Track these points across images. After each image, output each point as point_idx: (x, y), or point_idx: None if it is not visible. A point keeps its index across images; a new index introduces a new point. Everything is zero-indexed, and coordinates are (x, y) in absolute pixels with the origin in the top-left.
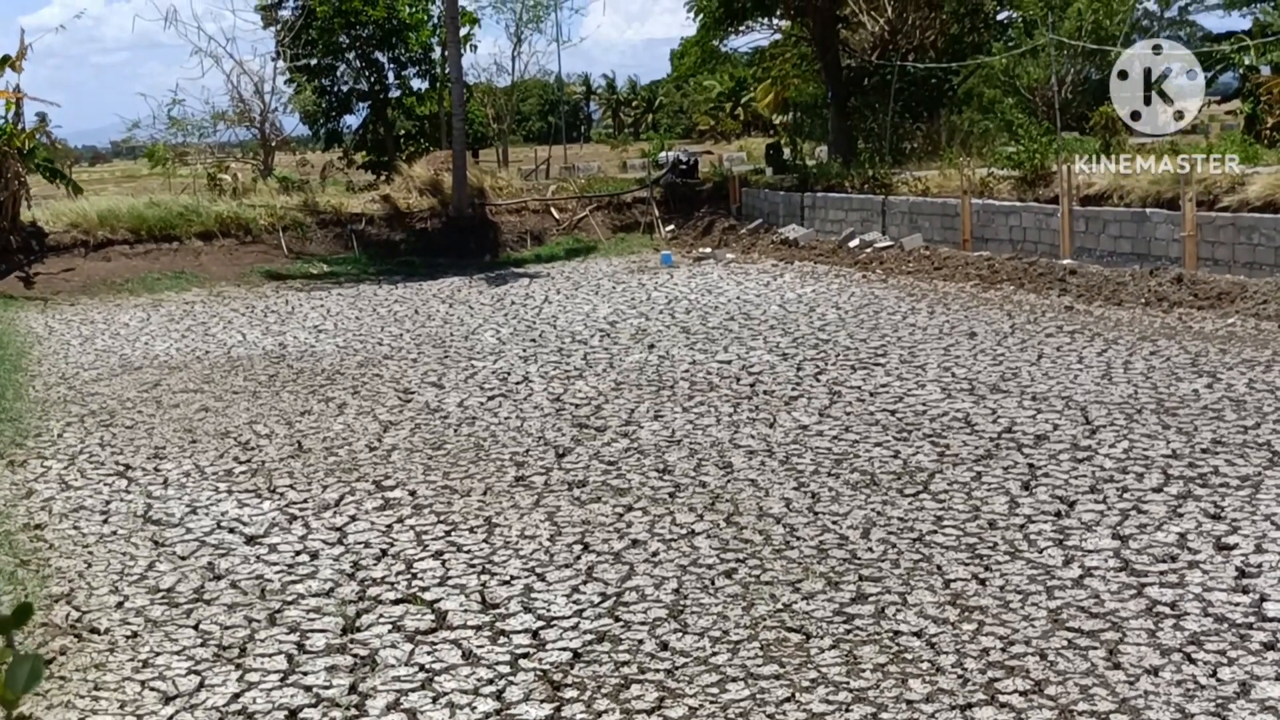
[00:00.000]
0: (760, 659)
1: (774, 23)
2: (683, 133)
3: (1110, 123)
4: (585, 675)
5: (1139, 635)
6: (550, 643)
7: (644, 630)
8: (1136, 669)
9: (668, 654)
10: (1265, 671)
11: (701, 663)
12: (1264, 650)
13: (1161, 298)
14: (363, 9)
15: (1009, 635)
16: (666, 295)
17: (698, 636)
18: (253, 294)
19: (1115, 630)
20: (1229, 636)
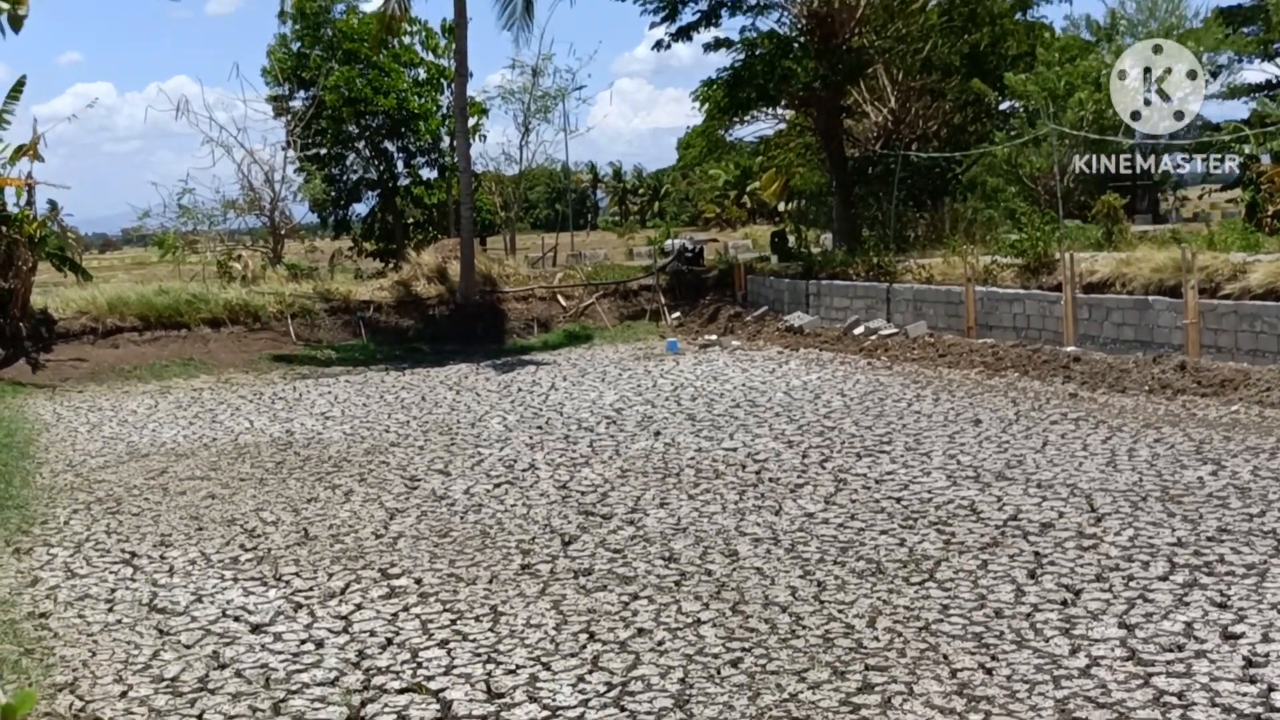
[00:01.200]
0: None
1: (778, 113)
2: (688, 220)
3: (1112, 211)
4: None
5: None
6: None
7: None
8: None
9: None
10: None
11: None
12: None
13: (1165, 385)
14: (373, 98)
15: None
16: (672, 382)
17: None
18: (261, 381)
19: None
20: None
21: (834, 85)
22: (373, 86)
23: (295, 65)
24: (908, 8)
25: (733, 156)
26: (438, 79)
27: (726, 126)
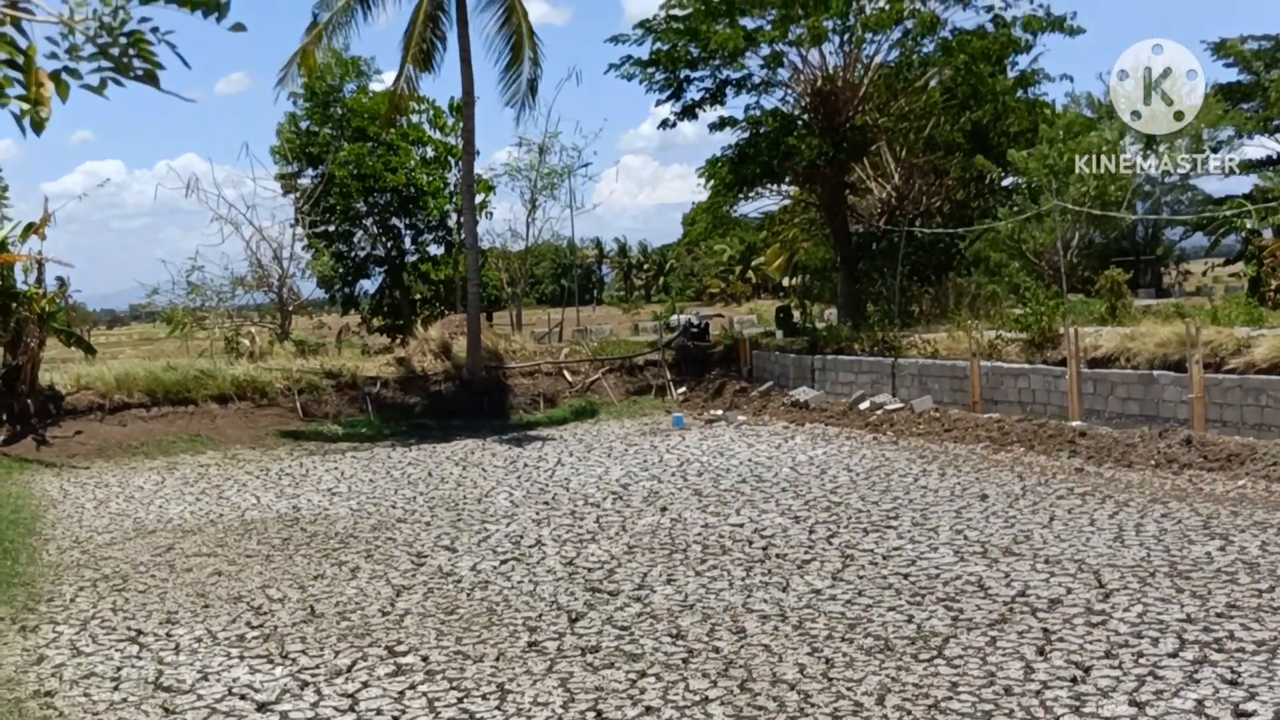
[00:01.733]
0: None
1: (783, 189)
2: (694, 295)
3: (1116, 286)
4: None
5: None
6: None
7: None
8: None
9: None
10: None
11: None
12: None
13: (1171, 459)
14: (383, 174)
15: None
16: (679, 458)
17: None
18: (267, 456)
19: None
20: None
21: (838, 162)
22: (383, 163)
23: (304, 143)
24: (910, 86)
25: (737, 232)
26: (445, 157)
27: (731, 202)
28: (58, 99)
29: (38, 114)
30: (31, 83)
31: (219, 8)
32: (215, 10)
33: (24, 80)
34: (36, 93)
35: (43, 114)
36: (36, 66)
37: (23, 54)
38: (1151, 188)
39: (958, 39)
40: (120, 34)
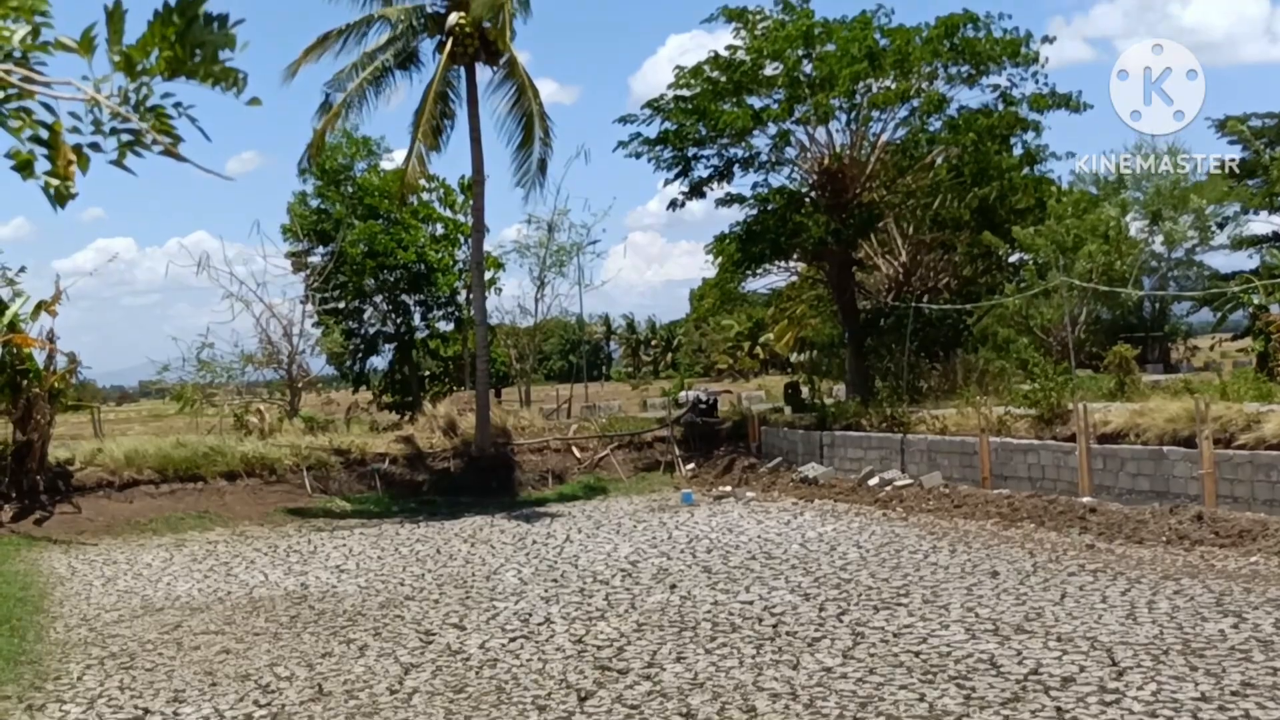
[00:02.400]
0: None
1: (790, 265)
2: (702, 371)
3: (1124, 362)
4: None
5: None
6: None
7: None
8: None
9: None
10: None
11: None
12: None
13: (1183, 536)
14: (394, 251)
15: None
16: (688, 534)
17: None
18: (276, 533)
19: None
20: None
21: (845, 239)
22: (394, 241)
23: (315, 221)
24: (917, 164)
25: (745, 308)
26: (455, 234)
27: (739, 279)
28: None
29: (65, 189)
30: (58, 157)
31: (238, 83)
32: (234, 85)
33: (50, 155)
34: (64, 168)
35: (69, 189)
36: (63, 142)
37: (49, 129)
38: (1158, 263)
39: (964, 117)
40: (145, 109)
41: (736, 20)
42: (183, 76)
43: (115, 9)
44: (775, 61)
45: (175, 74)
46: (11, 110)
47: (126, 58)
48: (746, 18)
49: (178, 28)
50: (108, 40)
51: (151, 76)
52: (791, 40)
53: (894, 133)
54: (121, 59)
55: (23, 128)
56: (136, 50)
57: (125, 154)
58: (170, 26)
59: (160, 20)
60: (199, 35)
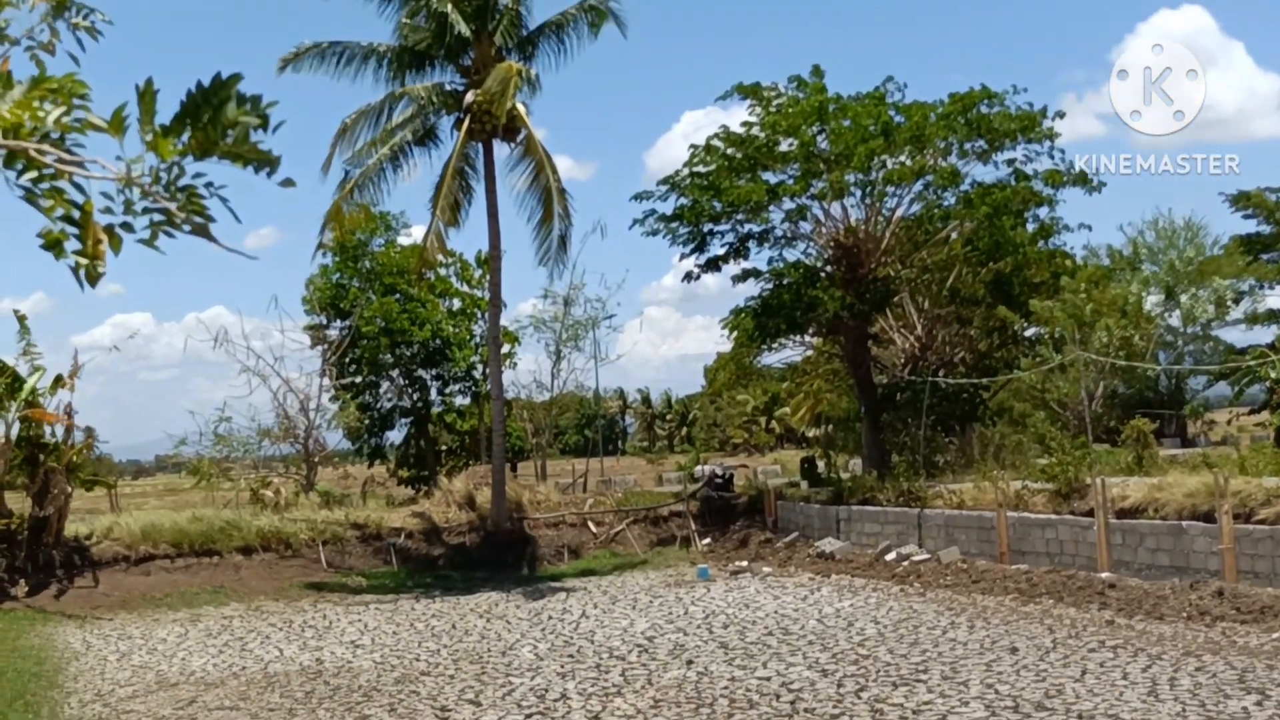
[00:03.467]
0: None
1: (806, 340)
2: (717, 446)
3: (1141, 436)
4: None
5: None
6: None
7: None
8: None
9: None
10: None
11: None
12: None
13: (1204, 612)
14: (409, 329)
15: None
16: (704, 610)
17: None
18: (291, 608)
19: None
20: None
21: (861, 313)
22: (410, 317)
23: (333, 296)
24: (932, 238)
25: (761, 382)
26: (471, 309)
27: (755, 353)
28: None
29: (94, 268)
30: (88, 237)
31: (271, 164)
32: (268, 166)
33: (81, 235)
34: (94, 248)
35: (99, 268)
36: (93, 222)
37: (79, 209)
38: (1174, 338)
39: (978, 192)
40: (176, 189)
41: (751, 97)
42: (215, 157)
43: (147, 89)
44: (790, 137)
45: (207, 155)
46: (44, 190)
47: (158, 138)
48: (761, 94)
49: (210, 108)
50: (139, 120)
51: (183, 157)
52: (806, 116)
53: (909, 207)
54: (153, 139)
55: (54, 207)
56: (169, 131)
57: (156, 234)
58: (203, 107)
59: (193, 101)
60: (232, 116)
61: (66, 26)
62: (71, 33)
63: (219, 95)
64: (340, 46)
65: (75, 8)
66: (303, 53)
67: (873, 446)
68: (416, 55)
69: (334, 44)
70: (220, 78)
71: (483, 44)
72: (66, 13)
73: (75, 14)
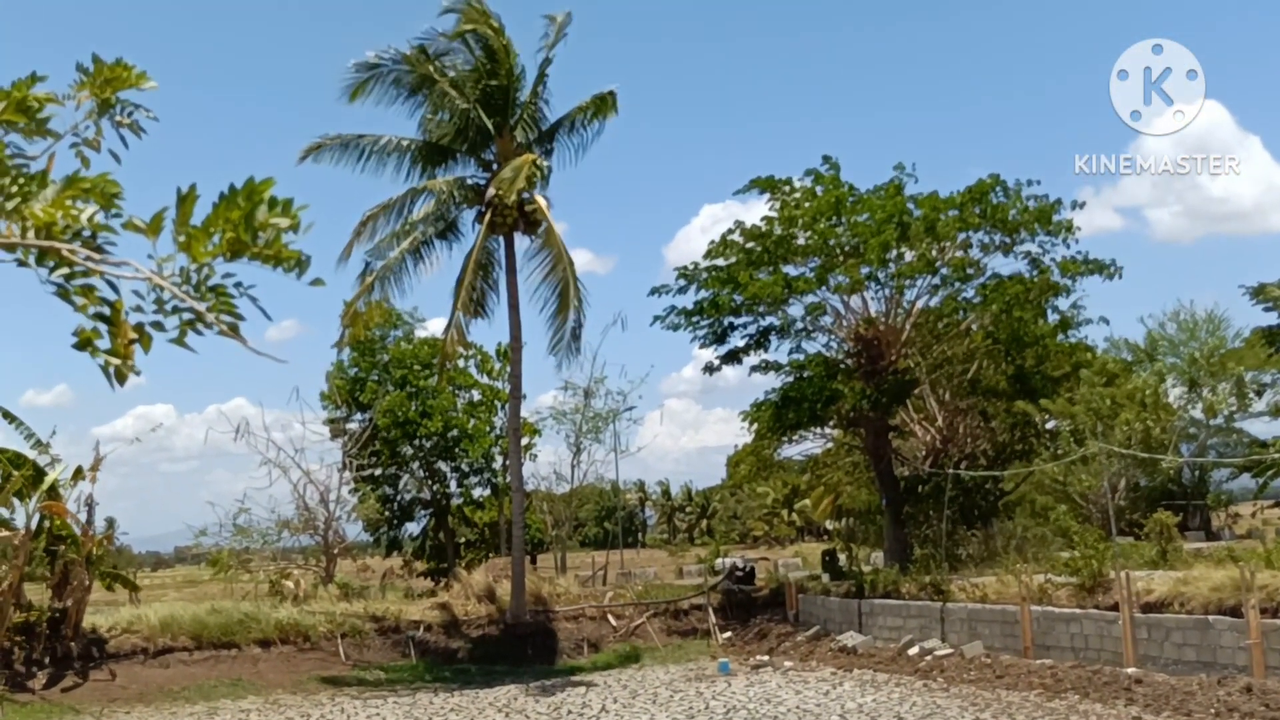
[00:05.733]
0: None
1: (826, 432)
2: (738, 538)
3: (1165, 529)
4: None
5: None
6: None
7: None
8: None
9: None
10: None
11: None
12: None
13: (1232, 708)
14: (420, 422)
15: None
16: (725, 704)
17: None
18: (309, 702)
19: None
20: None
21: (881, 405)
22: (421, 411)
23: (352, 389)
24: (952, 330)
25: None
26: (492, 400)
27: (775, 446)
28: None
29: (124, 367)
30: (119, 335)
31: (300, 265)
32: (297, 267)
33: (111, 332)
34: (125, 348)
35: (129, 367)
36: (124, 320)
37: (111, 306)
38: (1196, 430)
39: (993, 285)
40: (206, 290)
41: (768, 190)
42: (245, 258)
43: (190, 193)
44: (808, 231)
45: (238, 255)
46: (76, 287)
47: (192, 239)
48: (777, 188)
49: (243, 211)
50: (175, 222)
51: (214, 258)
52: (822, 210)
53: (928, 299)
54: (187, 240)
55: (87, 305)
56: (200, 232)
57: (185, 333)
58: (235, 209)
59: (225, 203)
60: (264, 219)
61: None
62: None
63: (252, 198)
64: (363, 140)
65: (120, 105)
66: (325, 144)
67: (894, 539)
68: (439, 149)
69: (357, 137)
70: (254, 181)
71: (504, 138)
72: (112, 110)
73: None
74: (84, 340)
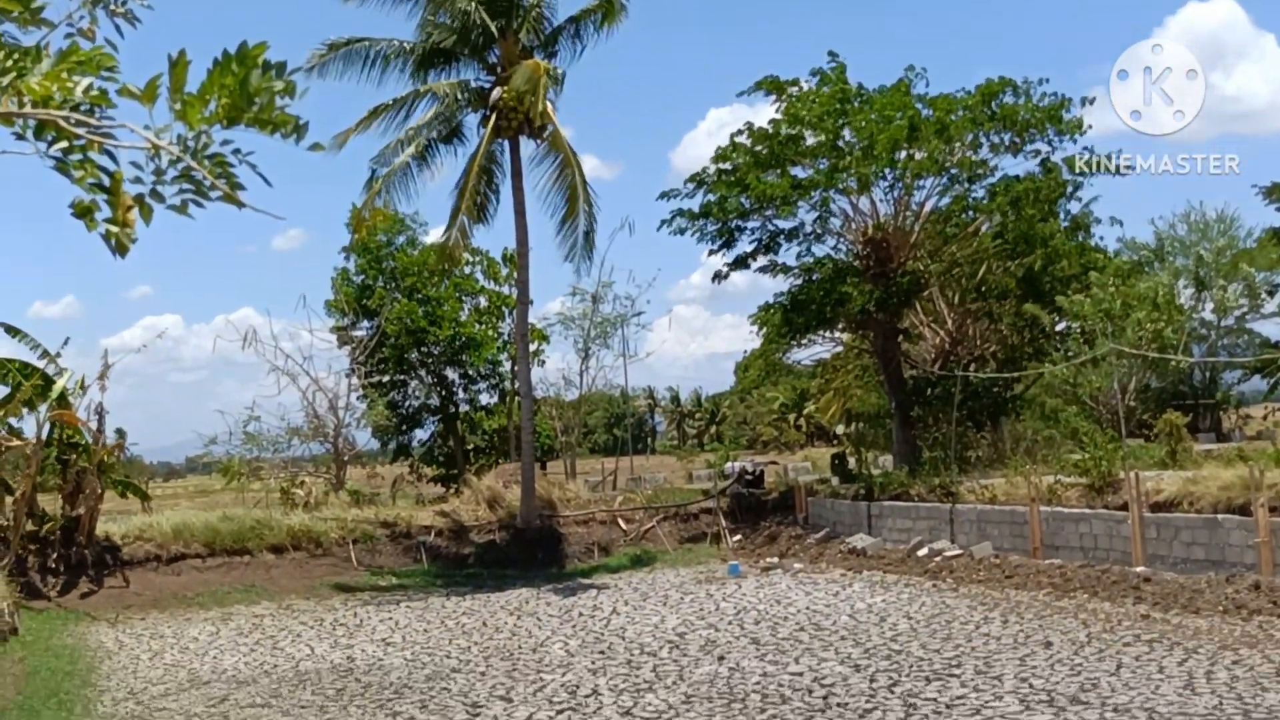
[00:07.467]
0: None
1: (835, 336)
2: (746, 444)
3: (1175, 430)
4: None
5: None
6: None
7: None
8: None
9: None
10: None
11: None
12: None
13: (1240, 605)
14: (429, 329)
15: None
16: (735, 605)
17: None
18: (322, 607)
19: None
20: None
21: (890, 308)
22: (430, 318)
23: (359, 297)
24: (961, 232)
25: (790, 379)
26: (499, 307)
27: (784, 350)
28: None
29: (125, 236)
30: (118, 206)
31: (298, 129)
32: (294, 132)
33: (111, 203)
34: (123, 216)
35: (129, 236)
36: (123, 190)
37: (109, 177)
38: (1208, 331)
39: (1003, 185)
40: (203, 156)
41: (774, 92)
42: (242, 124)
43: (179, 59)
44: (815, 131)
45: (234, 122)
46: (75, 161)
47: (186, 106)
48: (784, 89)
49: (237, 76)
50: (169, 89)
51: (210, 125)
52: (829, 109)
53: (937, 201)
54: (181, 107)
55: (85, 177)
56: (196, 99)
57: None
58: (229, 75)
59: (220, 68)
60: (258, 84)
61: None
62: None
63: (245, 63)
64: (365, 43)
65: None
66: (328, 54)
67: (903, 442)
68: (441, 52)
69: (358, 40)
70: (246, 45)
71: (507, 40)
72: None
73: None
74: (81, 210)
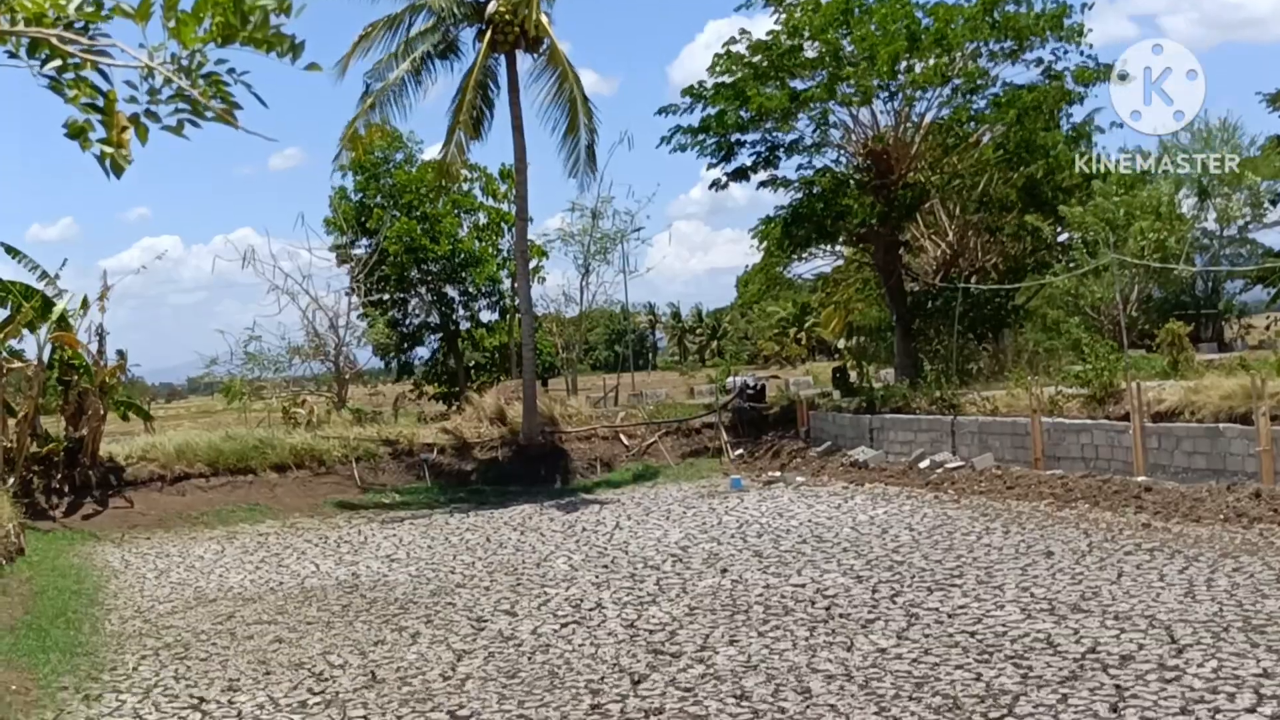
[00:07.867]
0: None
1: (836, 249)
2: (748, 359)
3: (1177, 340)
4: None
5: None
6: None
7: None
8: None
9: None
10: None
11: None
12: None
13: (1240, 513)
14: (428, 246)
15: None
16: (737, 519)
17: None
18: (326, 525)
19: None
20: None
21: (891, 221)
22: (429, 235)
23: (357, 215)
24: (962, 143)
25: (791, 294)
26: (498, 223)
27: (785, 264)
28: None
29: (119, 157)
30: (112, 126)
31: (294, 49)
32: (290, 52)
33: (105, 123)
34: (118, 136)
35: (124, 157)
36: (117, 110)
37: (104, 97)
38: (1210, 241)
39: (1008, 94)
40: (198, 76)
41: (773, 3)
42: (236, 43)
43: None
44: (815, 41)
45: (229, 41)
46: (69, 80)
47: (180, 24)
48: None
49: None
50: (163, 6)
51: (205, 44)
52: (829, 18)
53: (938, 112)
54: (175, 26)
55: (79, 96)
56: (190, 17)
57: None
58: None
59: None
60: (252, 2)
61: None
62: None
63: None
64: None
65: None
66: None
67: (905, 355)
68: None
69: None
70: None
71: None
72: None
73: None
74: (76, 131)
